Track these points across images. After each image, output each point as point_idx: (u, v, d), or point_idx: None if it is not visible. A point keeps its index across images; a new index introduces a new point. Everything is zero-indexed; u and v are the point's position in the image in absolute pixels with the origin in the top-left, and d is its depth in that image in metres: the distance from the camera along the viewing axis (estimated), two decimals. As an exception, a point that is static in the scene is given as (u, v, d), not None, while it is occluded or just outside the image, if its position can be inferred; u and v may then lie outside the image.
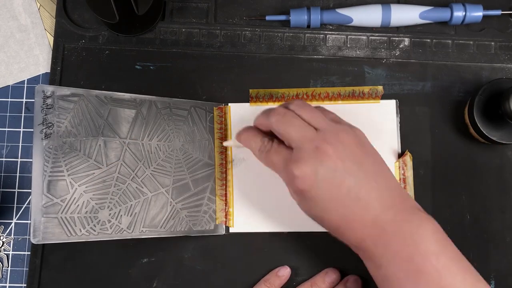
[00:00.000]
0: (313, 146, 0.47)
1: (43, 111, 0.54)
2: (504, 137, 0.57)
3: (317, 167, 0.46)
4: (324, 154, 0.46)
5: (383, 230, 0.46)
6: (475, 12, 0.61)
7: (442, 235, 0.46)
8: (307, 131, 0.48)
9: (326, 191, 0.46)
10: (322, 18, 0.62)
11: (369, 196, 0.46)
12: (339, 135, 0.47)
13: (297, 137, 0.48)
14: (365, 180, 0.47)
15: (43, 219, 0.53)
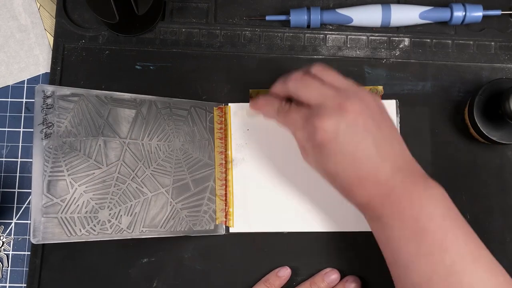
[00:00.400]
0: (336, 102, 0.48)
1: (43, 111, 0.54)
2: (504, 137, 0.57)
3: (339, 121, 0.47)
4: (346, 110, 0.47)
5: (392, 190, 0.47)
6: (475, 12, 0.61)
7: (448, 201, 0.48)
8: (328, 90, 0.49)
9: (345, 146, 0.47)
10: (322, 18, 0.62)
11: (383, 156, 0.48)
12: (359, 95, 0.49)
13: (318, 95, 0.49)
14: (382, 140, 0.48)
15: (43, 219, 0.53)
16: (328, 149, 0.48)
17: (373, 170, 0.48)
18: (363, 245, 0.60)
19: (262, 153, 0.61)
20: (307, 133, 0.49)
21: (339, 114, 0.47)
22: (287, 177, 0.61)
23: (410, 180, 0.48)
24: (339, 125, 0.47)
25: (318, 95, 0.49)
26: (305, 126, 0.49)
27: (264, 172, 0.61)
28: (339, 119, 0.47)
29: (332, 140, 0.47)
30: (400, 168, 0.48)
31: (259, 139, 0.61)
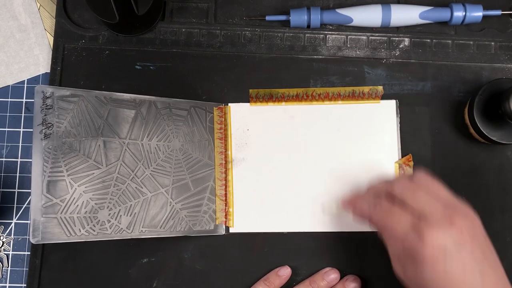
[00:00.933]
0: (447, 218, 0.46)
1: (43, 112, 0.54)
2: (504, 137, 0.57)
3: (449, 239, 0.45)
4: (456, 224, 0.45)
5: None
6: (475, 12, 0.61)
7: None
8: (436, 203, 0.47)
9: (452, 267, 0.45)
10: (322, 18, 0.62)
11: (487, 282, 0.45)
12: (467, 212, 0.47)
13: (427, 206, 0.47)
14: (487, 266, 0.46)
15: (43, 219, 0.53)
16: (431, 267, 0.45)
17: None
18: (363, 245, 0.60)
19: (262, 153, 0.61)
20: (412, 244, 0.46)
21: (449, 228, 0.45)
22: (287, 177, 0.61)
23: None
24: (448, 242, 0.44)
25: (426, 203, 0.47)
26: (410, 235, 0.46)
27: (264, 172, 0.61)
28: (449, 235, 0.45)
29: (439, 258, 0.44)
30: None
31: (259, 139, 0.61)
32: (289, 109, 0.62)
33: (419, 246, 0.45)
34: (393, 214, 0.48)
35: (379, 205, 0.50)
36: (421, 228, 0.45)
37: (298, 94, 0.62)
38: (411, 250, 0.46)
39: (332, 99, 0.62)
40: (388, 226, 0.48)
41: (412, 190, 0.48)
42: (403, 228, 0.47)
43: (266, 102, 0.62)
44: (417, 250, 0.45)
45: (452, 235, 0.45)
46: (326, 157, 0.61)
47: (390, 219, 0.48)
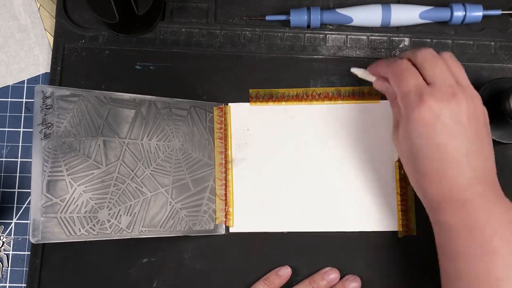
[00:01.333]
0: (451, 91, 0.48)
1: (43, 111, 0.54)
2: (504, 137, 0.57)
3: (445, 108, 0.47)
4: (458, 103, 0.47)
5: (469, 201, 0.47)
6: (475, 12, 0.61)
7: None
8: (451, 78, 0.49)
9: (440, 134, 0.47)
10: (322, 18, 0.62)
11: (471, 163, 0.47)
12: (474, 99, 0.49)
13: (440, 77, 0.49)
14: (475, 147, 0.48)
15: (43, 219, 0.53)
16: (421, 129, 0.48)
17: (455, 171, 0.47)
18: (363, 245, 0.60)
19: (262, 153, 0.61)
20: (408, 103, 0.49)
21: (449, 101, 0.47)
22: (287, 177, 0.61)
23: (490, 197, 0.48)
24: (443, 111, 0.47)
25: (440, 77, 0.49)
26: (412, 95, 0.49)
27: (264, 172, 0.61)
28: (447, 105, 0.47)
29: (429, 122, 0.47)
30: (482, 181, 0.48)
31: (259, 139, 0.61)
32: (289, 109, 0.62)
33: (415, 106, 0.48)
34: (407, 71, 0.50)
35: (399, 62, 0.51)
36: (424, 91, 0.48)
37: (298, 94, 0.62)
38: (408, 108, 0.49)
39: (332, 99, 0.62)
40: (401, 79, 0.50)
41: (433, 61, 0.50)
42: (411, 86, 0.49)
43: (266, 102, 0.62)
44: (413, 109, 0.48)
45: (450, 108, 0.47)
46: (326, 157, 0.61)
47: (403, 74, 0.50)
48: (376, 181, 0.60)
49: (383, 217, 0.60)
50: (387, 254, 0.59)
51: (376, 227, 0.60)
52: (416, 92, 0.48)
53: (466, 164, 0.47)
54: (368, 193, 0.60)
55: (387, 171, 0.60)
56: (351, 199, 0.60)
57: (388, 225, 0.60)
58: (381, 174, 0.60)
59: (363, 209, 0.60)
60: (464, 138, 0.47)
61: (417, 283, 0.59)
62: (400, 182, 0.60)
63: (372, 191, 0.60)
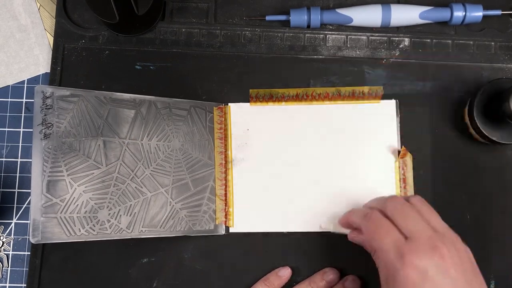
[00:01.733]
0: (431, 243, 0.45)
1: (43, 112, 0.54)
2: (504, 137, 0.57)
3: (430, 264, 0.44)
4: (440, 256, 0.45)
5: None
6: (475, 12, 0.61)
7: None
8: (425, 227, 0.47)
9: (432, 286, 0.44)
10: (322, 18, 0.62)
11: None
12: (456, 244, 0.47)
13: (415, 229, 0.47)
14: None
15: (43, 219, 0.53)
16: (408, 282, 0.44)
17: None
18: (363, 245, 0.60)
19: (262, 153, 0.61)
20: (391, 264, 0.46)
21: (432, 256, 0.45)
22: (287, 177, 0.61)
23: None
24: (429, 268, 0.44)
25: (416, 228, 0.47)
26: (392, 254, 0.46)
27: (264, 172, 0.61)
28: (431, 261, 0.45)
29: (418, 282, 0.44)
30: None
31: (259, 139, 0.61)
32: (289, 109, 0.62)
33: (399, 267, 0.45)
34: (382, 226, 0.49)
35: (370, 216, 0.50)
36: (404, 248, 0.45)
37: (298, 94, 0.62)
38: (391, 269, 0.46)
39: (332, 99, 0.62)
40: (377, 237, 0.48)
41: (404, 211, 0.49)
42: (389, 244, 0.47)
43: (266, 102, 0.62)
44: (397, 271, 0.45)
45: (434, 261, 0.44)
46: (326, 157, 0.61)
47: (379, 230, 0.48)
48: (376, 181, 0.60)
49: (383, 217, 0.60)
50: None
51: (376, 227, 0.60)
52: (395, 251, 0.46)
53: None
54: (368, 193, 0.60)
55: (387, 171, 0.60)
56: (351, 199, 0.60)
57: (388, 225, 0.60)
58: (381, 174, 0.60)
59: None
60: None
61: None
62: (400, 182, 0.60)
63: (372, 191, 0.60)
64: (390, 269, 0.46)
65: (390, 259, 0.46)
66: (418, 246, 0.45)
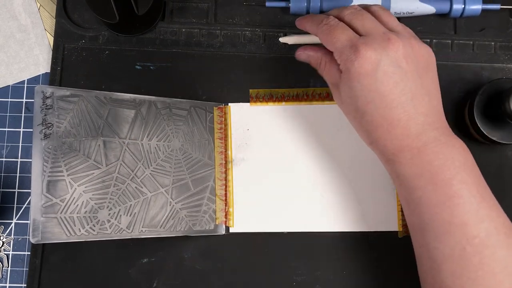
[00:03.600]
0: (386, 37, 0.47)
1: (43, 112, 0.54)
2: (504, 137, 0.57)
3: (383, 54, 0.46)
4: (394, 47, 0.46)
5: (424, 147, 0.46)
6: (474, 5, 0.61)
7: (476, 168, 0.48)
8: (380, 27, 0.48)
9: (381, 83, 0.46)
10: (321, 5, 0.61)
11: (418, 107, 0.46)
12: (411, 40, 0.48)
13: (370, 27, 0.48)
14: (420, 90, 0.47)
15: (43, 219, 0.53)
16: (363, 81, 0.46)
17: (405, 118, 0.46)
18: (363, 245, 0.60)
19: (262, 153, 0.61)
20: (346, 58, 0.47)
21: (386, 48, 0.46)
22: (287, 177, 0.61)
23: (444, 140, 0.46)
24: (382, 58, 0.46)
25: (371, 27, 0.48)
26: (347, 49, 0.47)
27: (264, 172, 0.61)
28: (384, 52, 0.46)
29: (370, 73, 0.46)
30: (433, 124, 0.47)
31: (259, 139, 0.61)
32: (289, 109, 0.62)
33: (354, 59, 0.46)
34: (337, 27, 0.49)
35: (326, 21, 0.50)
36: (359, 43, 0.46)
37: (298, 94, 0.62)
38: (347, 63, 0.47)
39: (332, 99, 0.62)
40: (332, 38, 0.48)
41: (361, 15, 0.50)
42: (344, 41, 0.48)
43: (266, 102, 0.62)
44: (352, 63, 0.46)
45: (388, 54, 0.46)
46: (326, 157, 0.61)
47: (333, 32, 0.48)
48: (376, 181, 0.60)
49: (383, 217, 0.60)
50: (387, 254, 0.59)
51: (376, 227, 0.60)
52: (350, 46, 0.47)
53: (414, 109, 0.46)
54: (368, 193, 0.60)
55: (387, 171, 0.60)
56: (351, 199, 0.60)
57: (388, 225, 0.60)
58: (381, 174, 0.60)
59: (363, 209, 0.60)
60: (406, 82, 0.46)
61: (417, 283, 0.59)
62: (400, 182, 0.60)
63: (372, 191, 0.60)
64: (346, 64, 0.47)
65: (345, 55, 0.47)
66: (372, 39, 0.47)
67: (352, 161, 0.61)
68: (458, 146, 0.47)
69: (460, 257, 0.44)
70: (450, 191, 0.45)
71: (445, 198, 0.45)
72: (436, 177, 0.45)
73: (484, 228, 0.44)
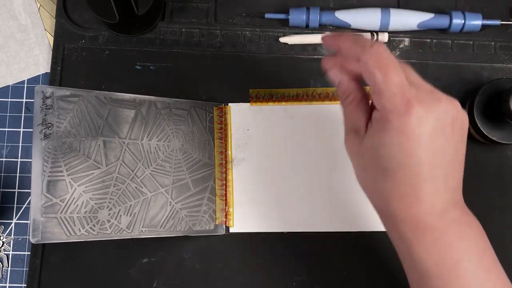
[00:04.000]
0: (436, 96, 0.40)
1: (43, 112, 0.54)
2: (504, 137, 0.57)
3: (434, 117, 0.39)
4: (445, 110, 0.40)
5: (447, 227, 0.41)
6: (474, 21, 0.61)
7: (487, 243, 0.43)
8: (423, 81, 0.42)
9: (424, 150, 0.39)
10: (320, 19, 0.61)
11: (449, 184, 0.41)
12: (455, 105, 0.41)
13: (416, 78, 0.42)
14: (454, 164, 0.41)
15: (43, 219, 0.53)
16: (403, 141, 0.39)
17: (433, 194, 0.40)
18: (363, 245, 0.60)
19: (262, 153, 0.61)
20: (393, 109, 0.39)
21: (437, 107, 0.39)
22: (287, 177, 0.61)
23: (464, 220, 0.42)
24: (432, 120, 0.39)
25: (417, 78, 0.42)
26: (399, 97, 0.38)
27: (264, 172, 0.61)
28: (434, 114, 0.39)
29: (417, 133, 0.38)
30: (456, 204, 0.42)
31: (259, 139, 0.61)
32: (289, 109, 0.62)
33: (402, 112, 0.38)
34: (392, 65, 0.39)
35: (377, 48, 0.40)
36: (411, 95, 0.39)
37: (298, 94, 0.62)
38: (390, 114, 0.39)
39: (332, 99, 0.62)
40: (385, 73, 0.39)
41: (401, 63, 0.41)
42: (397, 85, 0.39)
43: (266, 102, 0.62)
44: (397, 117, 0.39)
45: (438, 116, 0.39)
46: (326, 157, 0.61)
47: (387, 68, 0.39)
48: (376, 181, 0.60)
49: (383, 217, 0.60)
50: (387, 254, 0.59)
51: (376, 227, 0.60)
52: (401, 95, 0.38)
53: (444, 185, 0.40)
54: (368, 193, 0.60)
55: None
56: (351, 199, 0.60)
57: (388, 225, 0.60)
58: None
59: (363, 209, 0.60)
60: (445, 153, 0.40)
61: (417, 283, 0.59)
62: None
63: (372, 191, 0.60)
64: (388, 114, 0.39)
65: (392, 104, 0.39)
66: (424, 94, 0.39)
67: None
68: (476, 226, 0.43)
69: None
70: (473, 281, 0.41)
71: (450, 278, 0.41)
72: (459, 266, 0.41)
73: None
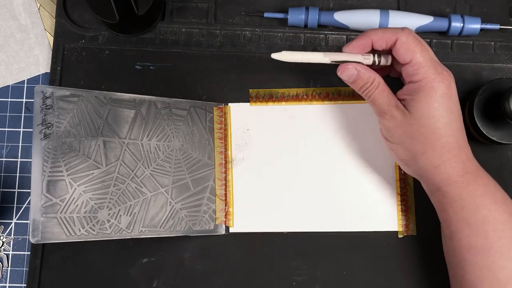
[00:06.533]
0: (442, 66, 0.50)
1: (43, 112, 0.54)
2: (504, 137, 0.57)
3: (452, 81, 0.50)
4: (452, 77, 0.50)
5: (478, 169, 0.51)
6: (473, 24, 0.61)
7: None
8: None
9: (457, 107, 0.50)
10: (319, 19, 0.61)
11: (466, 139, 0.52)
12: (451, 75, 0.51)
13: (433, 54, 0.51)
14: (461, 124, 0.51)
15: (42, 219, 0.53)
16: (447, 102, 0.49)
17: (465, 142, 0.51)
18: (363, 245, 0.60)
19: (262, 153, 0.61)
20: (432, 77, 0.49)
21: (448, 73, 0.50)
22: (287, 177, 0.61)
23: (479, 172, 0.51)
24: (454, 84, 0.50)
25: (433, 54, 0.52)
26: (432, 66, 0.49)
27: (264, 172, 0.61)
28: (451, 76, 0.50)
29: (452, 95, 0.49)
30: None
31: (259, 139, 0.61)
32: (289, 109, 0.62)
33: (438, 80, 0.49)
34: (421, 42, 0.50)
35: (409, 31, 0.51)
36: (438, 65, 0.50)
37: (298, 94, 0.62)
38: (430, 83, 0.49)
39: (332, 99, 0.62)
40: (419, 49, 0.49)
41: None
42: (429, 59, 0.49)
43: (266, 102, 0.62)
44: (439, 84, 0.49)
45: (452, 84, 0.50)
46: (326, 157, 0.61)
47: (420, 44, 0.50)
48: (376, 181, 0.60)
49: (383, 217, 0.60)
50: (387, 254, 0.59)
51: (376, 227, 0.60)
52: (435, 66, 0.49)
53: (464, 139, 0.51)
54: (368, 193, 0.60)
55: (387, 171, 0.60)
56: (351, 199, 0.60)
57: (388, 225, 0.60)
58: (381, 174, 0.60)
59: (363, 209, 0.60)
60: (459, 111, 0.51)
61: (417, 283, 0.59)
62: (400, 182, 0.60)
63: (372, 191, 0.60)
64: (430, 82, 0.49)
65: (430, 72, 0.49)
66: (442, 66, 0.50)
67: (352, 161, 0.61)
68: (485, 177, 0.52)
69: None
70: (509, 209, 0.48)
71: (508, 216, 0.47)
72: (496, 195, 0.49)
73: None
